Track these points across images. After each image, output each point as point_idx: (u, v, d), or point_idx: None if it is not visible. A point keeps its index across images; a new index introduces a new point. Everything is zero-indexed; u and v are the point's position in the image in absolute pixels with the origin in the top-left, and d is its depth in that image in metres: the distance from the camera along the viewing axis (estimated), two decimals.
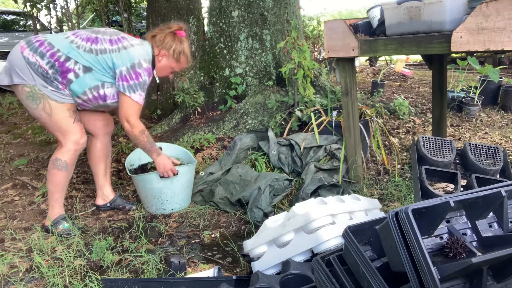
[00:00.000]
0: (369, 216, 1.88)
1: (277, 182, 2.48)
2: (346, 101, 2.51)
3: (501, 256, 0.89)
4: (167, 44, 2.26)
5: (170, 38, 2.27)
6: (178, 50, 2.29)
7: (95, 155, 2.50)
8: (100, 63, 2.13)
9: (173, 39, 2.28)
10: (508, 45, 1.61)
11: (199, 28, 4.31)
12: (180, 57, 2.32)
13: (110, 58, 2.13)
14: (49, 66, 2.08)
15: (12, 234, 2.26)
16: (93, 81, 2.14)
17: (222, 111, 3.97)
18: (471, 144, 2.20)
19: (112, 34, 2.21)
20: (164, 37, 2.26)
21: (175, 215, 2.52)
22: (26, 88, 2.10)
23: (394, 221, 0.96)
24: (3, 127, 4.27)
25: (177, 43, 2.28)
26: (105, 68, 2.13)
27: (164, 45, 2.26)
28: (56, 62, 2.09)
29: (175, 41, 2.28)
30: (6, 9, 9.15)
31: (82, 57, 2.11)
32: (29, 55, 2.08)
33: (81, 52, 2.11)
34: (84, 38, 2.15)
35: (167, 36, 2.27)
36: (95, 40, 2.15)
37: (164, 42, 2.26)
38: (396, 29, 2.07)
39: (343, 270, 1.12)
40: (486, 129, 3.90)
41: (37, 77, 2.09)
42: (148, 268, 1.91)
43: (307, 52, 3.17)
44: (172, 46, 2.27)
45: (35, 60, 2.07)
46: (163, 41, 2.26)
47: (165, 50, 2.27)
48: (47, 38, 2.14)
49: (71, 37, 2.15)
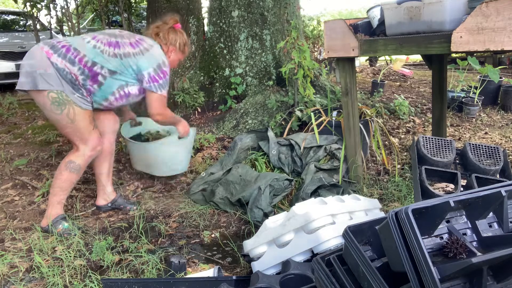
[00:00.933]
0: (369, 216, 1.88)
1: (277, 182, 2.48)
2: (346, 101, 2.51)
3: (501, 256, 0.89)
4: (173, 40, 2.38)
5: (172, 34, 2.38)
6: (183, 43, 2.42)
7: (101, 154, 2.50)
8: (125, 66, 2.20)
9: (175, 33, 2.39)
10: (508, 45, 1.61)
11: (199, 28, 4.31)
12: (185, 48, 2.46)
13: (135, 61, 2.21)
14: (80, 73, 2.12)
15: (12, 234, 2.26)
16: (119, 82, 2.23)
17: (222, 111, 3.97)
18: (471, 144, 2.20)
19: (129, 37, 2.29)
20: (168, 34, 2.37)
21: (175, 215, 2.52)
22: (53, 94, 2.10)
23: (394, 221, 0.96)
24: (3, 127, 4.27)
25: (180, 37, 2.41)
26: (129, 70, 2.23)
27: (170, 41, 2.37)
28: (85, 68, 2.13)
29: (177, 35, 2.40)
30: (6, 9, 9.14)
31: (108, 62, 2.17)
32: (57, 61, 2.09)
33: (106, 57, 2.17)
34: (105, 43, 2.20)
35: (170, 32, 2.38)
36: (116, 44, 2.21)
37: (169, 38, 2.37)
38: (396, 29, 2.07)
39: (343, 270, 1.12)
40: (486, 129, 3.90)
41: (66, 83, 2.11)
42: (148, 268, 1.91)
43: (307, 52, 3.17)
44: (177, 41, 2.39)
45: (64, 66, 2.10)
46: (168, 38, 2.37)
47: (173, 46, 2.39)
48: (71, 43, 2.17)
49: (93, 42, 2.19)
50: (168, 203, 2.68)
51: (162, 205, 2.66)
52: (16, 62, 6.31)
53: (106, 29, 6.34)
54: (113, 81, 2.20)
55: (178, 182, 2.99)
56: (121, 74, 2.20)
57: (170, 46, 2.38)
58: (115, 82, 2.20)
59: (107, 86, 2.20)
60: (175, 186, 2.95)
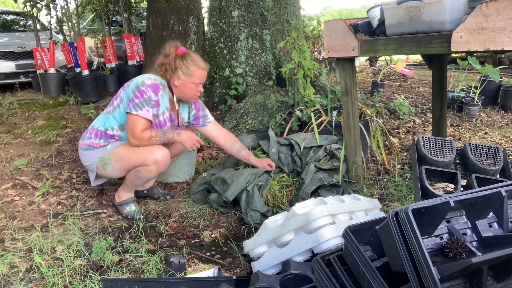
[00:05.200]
0: (369, 216, 1.88)
1: (258, 178, 2.50)
2: (346, 101, 2.51)
3: (501, 256, 0.89)
4: (174, 69, 2.32)
5: (176, 62, 2.32)
6: (186, 67, 2.31)
7: None
8: (124, 104, 2.31)
9: (175, 60, 2.32)
10: (508, 45, 1.61)
11: (199, 28, 4.31)
12: (191, 70, 2.32)
13: (124, 96, 2.31)
14: (102, 141, 2.36)
15: (12, 234, 2.26)
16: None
17: (222, 111, 3.97)
18: (471, 144, 2.20)
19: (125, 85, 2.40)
20: (174, 64, 2.31)
21: (175, 215, 2.52)
22: (99, 164, 2.36)
23: (394, 221, 0.96)
24: (3, 127, 4.27)
25: (179, 62, 2.31)
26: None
27: (174, 71, 2.32)
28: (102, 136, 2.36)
29: (177, 61, 2.31)
30: (6, 9, 9.14)
31: (113, 119, 2.35)
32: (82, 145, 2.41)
33: (110, 116, 2.36)
34: (110, 103, 2.41)
35: (175, 62, 2.31)
36: (115, 98, 2.38)
37: (174, 68, 2.32)
38: (396, 29, 2.07)
39: (343, 270, 1.12)
40: (486, 129, 3.90)
41: (97, 150, 2.36)
42: (148, 268, 1.91)
43: (307, 52, 3.17)
44: (177, 68, 2.31)
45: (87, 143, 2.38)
46: (174, 68, 2.32)
47: (175, 75, 2.32)
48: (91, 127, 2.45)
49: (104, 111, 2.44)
50: (168, 203, 2.68)
51: (162, 205, 2.66)
52: (16, 62, 6.31)
53: (106, 29, 6.35)
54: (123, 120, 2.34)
55: (178, 182, 2.99)
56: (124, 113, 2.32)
57: (174, 76, 2.32)
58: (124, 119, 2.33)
59: (126, 135, 2.33)
60: (175, 186, 2.95)
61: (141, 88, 2.23)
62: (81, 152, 2.44)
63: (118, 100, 2.35)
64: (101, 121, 2.39)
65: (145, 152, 2.28)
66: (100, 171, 2.40)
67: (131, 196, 2.50)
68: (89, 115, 4.58)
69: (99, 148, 2.36)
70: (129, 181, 2.41)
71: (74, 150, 3.52)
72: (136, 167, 2.32)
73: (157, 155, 2.27)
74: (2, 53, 6.27)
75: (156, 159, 2.27)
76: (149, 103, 2.23)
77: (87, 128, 2.48)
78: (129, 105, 2.24)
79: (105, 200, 2.71)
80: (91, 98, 5.14)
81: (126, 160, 2.32)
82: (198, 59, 2.35)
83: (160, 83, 2.30)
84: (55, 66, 5.64)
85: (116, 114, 2.33)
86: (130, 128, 2.25)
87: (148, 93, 2.23)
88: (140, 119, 2.22)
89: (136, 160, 2.30)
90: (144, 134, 2.25)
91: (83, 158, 2.44)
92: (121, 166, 2.34)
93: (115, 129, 2.35)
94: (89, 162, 2.41)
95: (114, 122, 2.34)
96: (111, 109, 2.37)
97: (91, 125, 2.43)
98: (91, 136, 2.38)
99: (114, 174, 2.41)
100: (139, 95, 2.22)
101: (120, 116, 2.33)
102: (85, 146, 2.40)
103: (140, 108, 2.21)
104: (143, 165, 2.29)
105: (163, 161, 2.31)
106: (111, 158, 2.33)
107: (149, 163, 2.28)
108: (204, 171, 3.04)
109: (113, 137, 2.36)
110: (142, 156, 2.28)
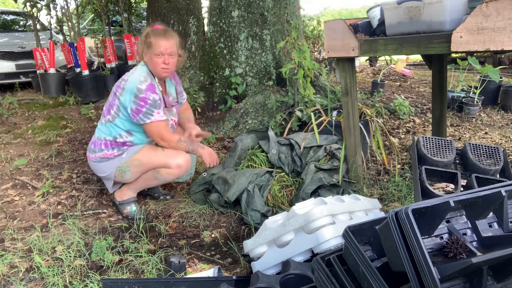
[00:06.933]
0: (369, 216, 1.88)
1: (259, 178, 2.50)
2: (346, 101, 2.51)
3: (501, 256, 0.89)
4: (142, 48, 2.30)
5: (143, 40, 2.29)
6: (143, 40, 2.27)
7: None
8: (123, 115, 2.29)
9: (143, 40, 2.29)
10: (508, 45, 1.61)
11: (199, 28, 4.31)
12: (148, 41, 2.23)
13: (120, 105, 2.27)
14: (116, 151, 2.35)
15: (12, 234, 2.26)
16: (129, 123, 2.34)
17: (222, 111, 3.97)
18: (471, 144, 2.19)
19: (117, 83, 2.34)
20: (143, 44, 2.29)
21: (175, 215, 2.52)
22: (117, 173, 2.37)
23: (394, 221, 0.96)
24: (3, 127, 4.26)
25: (144, 39, 2.28)
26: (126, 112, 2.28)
27: (143, 50, 2.29)
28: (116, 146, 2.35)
29: (143, 39, 2.28)
30: (6, 9, 9.13)
31: (117, 127, 2.32)
32: (94, 158, 2.39)
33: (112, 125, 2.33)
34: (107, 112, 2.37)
35: (143, 41, 2.29)
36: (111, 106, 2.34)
37: (142, 47, 2.30)
38: (396, 29, 2.07)
39: (343, 270, 1.12)
40: (486, 129, 3.90)
41: (112, 161, 2.35)
42: (148, 268, 1.91)
43: (307, 52, 3.17)
44: (143, 45, 2.28)
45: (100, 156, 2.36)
46: (142, 48, 2.30)
47: (143, 53, 2.29)
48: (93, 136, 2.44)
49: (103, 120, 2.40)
50: (168, 203, 2.68)
51: (162, 205, 2.66)
52: (16, 62, 6.31)
53: (106, 29, 6.35)
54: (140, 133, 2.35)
55: (178, 182, 2.99)
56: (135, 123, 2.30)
57: (143, 54, 2.28)
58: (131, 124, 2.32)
59: (137, 139, 2.36)
60: (175, 186, 2.95)
61: (141, 95, 2.19)
62: (94, 165, 2.43)
63: (114, 109, 2.31)
64: (106, 130, 2.36)
65: (168, 155, 2.31)
66: (117, 179, 2.42)
67: (133, 196, 2.50)
68: (89, 115, 4.58)
69: (114, 158, 2.35)
70: (143, 180, 2.42)
71: (74, 150, 3.53)
72: (156, 168, 2.34)
73: (180, 159, 2.31)
74: (2, 53, 6.26)
75: (179, 163, 2.31)
76: (155, 105, 2.23)
77: (87, 128, 2.48)
78: (138, 116, 2.22)
79: (105, 200, 2.71)
80: (91, 98, 5.13)
81: (147, 164, 2.34)
82: (158, 31, 2.25)
83: (148, 75, 2.26)
84: (55, 66, 5.63)
85: (117, 121, 2.32)
86: (156, 135, 2.29)
87: (150, 97, 2.21)
88: (157, 123, 2.26)
89: (156, 163, 2.33)
90: (172, 137, 2.33)
91: (98, 169, 2.44)
92: (141, 170, 2.37)
93: (123, 135, 2.33)
94: (105, 173, 2.41)
95: (119, 129, 2.33)
96: (110, 118, 2.34)
97: (96, 137, 2.40)
98: (102, 147, 2.35)
99: (133, 178, 2.42)
100: (143, 103, 2.20)
101: (122, 123, 2.32)
102: (98, 159, 2.38)
103: (151, 115, 2.23)
104: (165, 167, 2.31)
105: (185, 167, 2.34)
106: (130, 166, 2.34)
107: (172, 166, 2.30)
108: (204, 171, 3.04)
109: (125, 144, 2.35)
110: (165, 159, 2.30)
